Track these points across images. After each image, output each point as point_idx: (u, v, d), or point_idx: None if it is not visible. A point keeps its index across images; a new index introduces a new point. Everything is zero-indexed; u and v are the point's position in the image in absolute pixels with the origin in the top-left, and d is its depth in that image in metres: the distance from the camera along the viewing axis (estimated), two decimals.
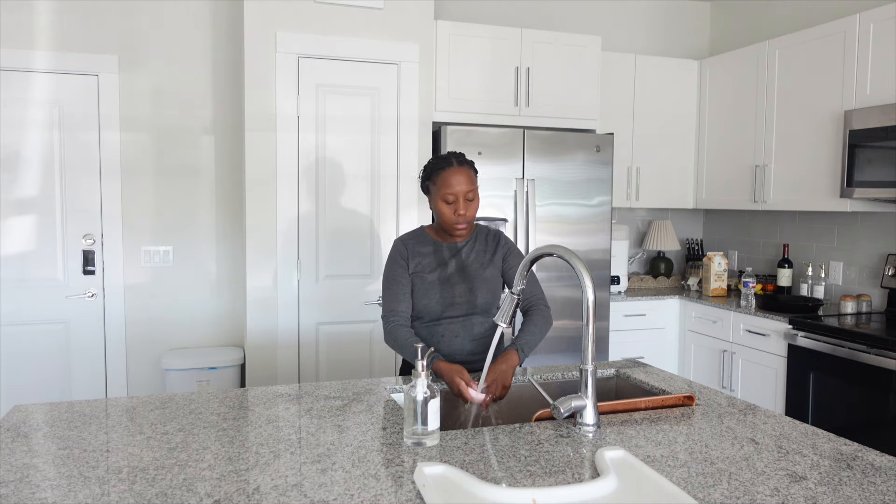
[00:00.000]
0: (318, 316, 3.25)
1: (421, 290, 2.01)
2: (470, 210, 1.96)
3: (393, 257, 2.06)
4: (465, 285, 2.02)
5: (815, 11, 3.86)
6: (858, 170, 3.13)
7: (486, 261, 2.06)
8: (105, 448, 1.36)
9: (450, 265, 2.04)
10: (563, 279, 3.50)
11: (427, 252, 2.05)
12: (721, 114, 4.09)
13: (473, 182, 1.97)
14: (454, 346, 2.03)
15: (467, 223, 1.97)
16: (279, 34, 3.11)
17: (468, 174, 1.96)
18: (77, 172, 3.32)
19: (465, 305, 2.02)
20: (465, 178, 1.94)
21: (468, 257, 2.05)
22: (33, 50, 3.21)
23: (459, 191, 1.92)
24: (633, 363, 2.16)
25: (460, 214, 1.94)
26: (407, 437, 1.40)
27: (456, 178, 1.93)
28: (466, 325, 2.03)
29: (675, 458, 1.33)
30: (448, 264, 2.04)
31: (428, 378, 1.41)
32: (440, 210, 1.97)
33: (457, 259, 2.05)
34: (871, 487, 1.19)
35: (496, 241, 2.10)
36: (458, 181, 1.93)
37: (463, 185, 1.93)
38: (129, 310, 3.44)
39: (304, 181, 3.20)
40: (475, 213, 1.99)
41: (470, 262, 2.05)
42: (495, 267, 2.07)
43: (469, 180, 1.95)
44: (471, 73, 3.51)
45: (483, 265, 2.05)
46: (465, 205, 1.94)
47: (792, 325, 3.22)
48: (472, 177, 1.97)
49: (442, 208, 1.96)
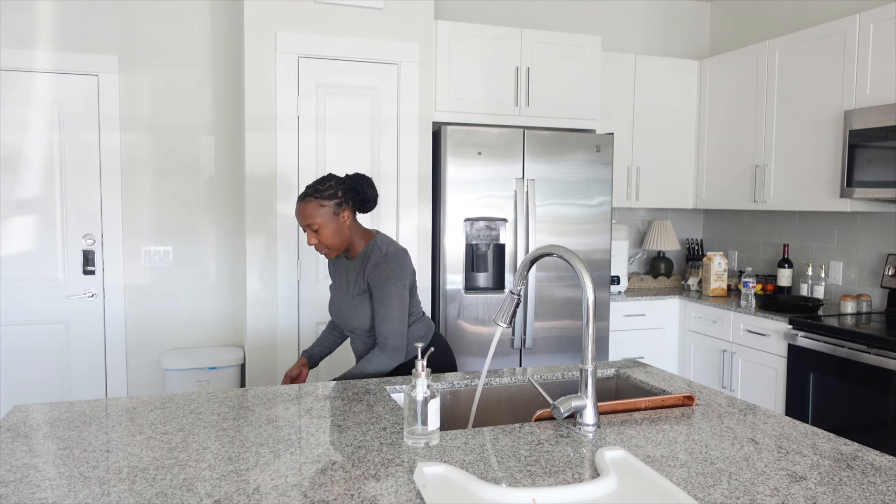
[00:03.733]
0: (318, 316, 3.25)
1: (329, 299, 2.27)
2: (318, 239, 2.05)
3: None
4: (341, 304, 2.16)
5: (815, 11, 3.86)
6: (858, 170, 3.13)
7: (357, 285, 2.10)
8: (105, 448, 1.36)
9: (340, 282, 2.20)
10: (563, 279, 3.50)
11: (335, 263, 2.24)
12: (721, 114, 4.09)
13: (313, 214, 2.03)
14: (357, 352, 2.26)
15: (326, 249, 2.07)
16: (279, 34, 3.11)
17: (308, 206, 2.03)
18: (77, 172, 3.32)
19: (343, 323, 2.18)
20: (305, 210, 2.03)
21: (348, 277, 2.16)
22: (33, 50, 3.21)
23: (301, 223, 2.06)
24: (633, 363, 2.16)
25: (310, 243, 2.08)
26: (407, 437, 1.40)
27: (296, 212, 2.06)
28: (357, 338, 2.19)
29: (675, 458, 1.33)
30: (339, 281, 2.21)
31: (428, 378, 1.41)
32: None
33: (343, 277, 2.19)
34: (871, 487, 1.19)
35: (365, 267, 2.09)
36: (298, 215, 2.05)
37: (302, 219, 2.04)
38: (129, 310, 3.44)
39: (305, 181, 3.20)
40: (329, 241, 2.06)
41: (348, 283, 2.15)
42: (361, 291, 2.09)
43: (308, 213, 2.03)
44: (471, 73, 3.51)
45: (354, 289, 2.11)
46: (311, 235, 2.06)
47: (792, 325, 3.22)
48: (312, 208, 2.02)
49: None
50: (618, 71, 4.07)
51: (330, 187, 2.05)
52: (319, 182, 2.07)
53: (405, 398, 1.40)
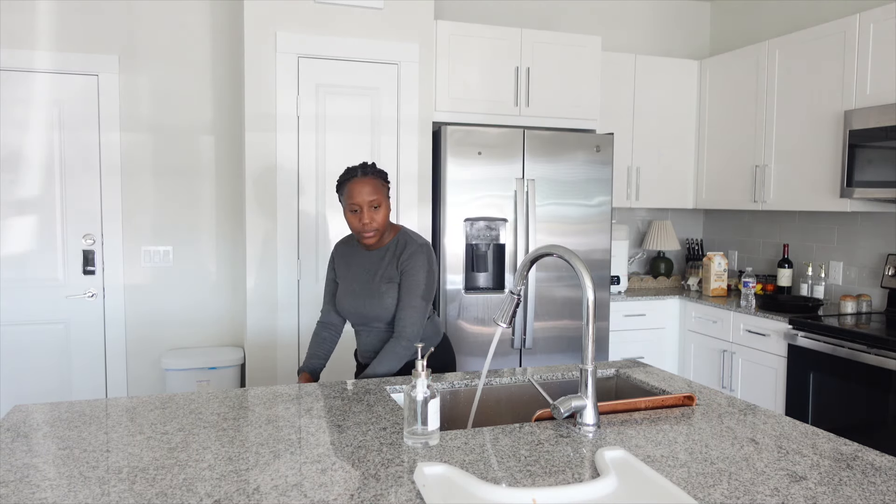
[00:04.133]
0: (318, 316, 3.25)
1: (338, 296, 2.20)
2: (376, 218, 2.02)
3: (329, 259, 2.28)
4: (363, 295, 2.10)
5: (815, 11, 3.86)
6: (858, 170, 3.13)
7: (385, 273, 2.08)
8: (105, 448, 1.36)
9: (358, 272, 2.14)
10: (563, 279, 3.50)
11: (349, 260, 2.18)
12: (721, 114, 4.09)
13: (378, 191, 2.02)
14: (367, 349, 2.17)
15: (374, 231, 2.03)
16: (279, 34, 3.11)
17: (373, 182, 2.01)
18: (77, 172, 3.32)
19: (366, 316, 2.11)
20: (368, 187, 2.00)
21: (371, 267, 2.12)
22: (33, 50, 3.21)
23: (362, 201, 2.00)
24: (633, 363, 2.16)
25: (365, 223, 2.02)
26: (407, 437, 1.40)
27: (358, 189, 2.00)
28: (372, 332, 2.14)
29: (675, 458, 1.33)
30: (357, 272, 2.14)
31: (428, 378, 1.41)
32: (348, 220, 2.06)
33: (363, 267, 2.13)
34: (871, 487, 1.19)
35: (399, 255, 2.09)
36: (360, 191, 2.00)
37: (365, 195, 2.00)
38: (129, 310, 3.44)
39: (304, 181, 3.20)
40: (383, 221, 2.04)
41: (371, 273, 2.11)
42: (393, 282, 2.07)
43: (373, 189, 2.01)
44: (471, 73, 3.51)
45: (381, 278, 2.08)
46: (369, 213, 2.01)
47: (792, 325, 3.22)
48: (377, 185, 2.02)
49: (349, 218, 2.05)
50: (618, 71, 4.07)
51: (384, 171, 2.10)
52: (372, 166, 2.06)
53: (405, 398, 1.40)
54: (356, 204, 2.01)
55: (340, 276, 2.20)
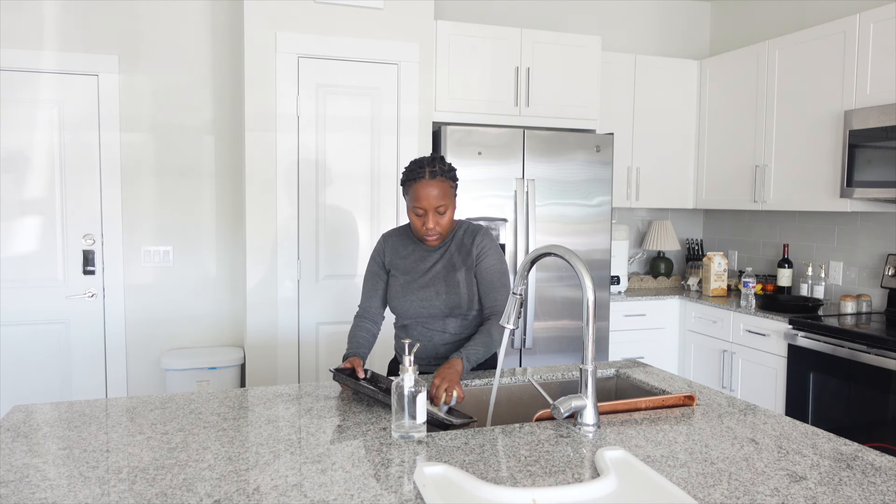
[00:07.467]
0: (318, 316, 3.25)
1: (393, 291, 2.03)
2: (441, 223, 1.91)
3: (373, 253, 2.10)
4: (434, 289, 1.99)
5: (815, 11, 3.86)
6: (858, 170, 3.13)
7: (458, 263, 2.00)
8: (105, 448, 1.36)
9: (422, 268, 2.01)
10: (563, 279, 3.50)
11: (405, 252, 2.04)
12: (721, 114, 4.09)
13: (446, 195, 1.88)
14: (427, 348, 2.05)
15: (438, 235, 1.93)
16: (279, 34, 3.11)
17: (440, 186, 1.87)
18: (77, 172, 3.32)
19: (433, 309, 1.99)
20: (436, 190, 1.86)
21: (440, 260, 2.01)
22: (33, 50, 3.21)
23: (428, 205, 1.87)
24: (633, 363, 2.16)
25: (429, 228, 1.90)
26: (395, 430, 1.40)
27: (425, 192, 1.86)
28: (435, 329, 2.03)
29: (675, 458, 1.33)
30: (421, 267, 2.01)
31: (415, 372, 1.41)
32: (411, 220, 1.95)
33: (430, 262, 2.02)
34: (871, 487, 1.19)
35: (471, 241, 2.01)
36: (427, 195, 1.86)
37: (432, 200, 1.86)
38: (129, 310, 3.44)
39: (305, 181, 3.20)
40: (448, 224, 1.94)
41: (442, 266, 2.01)
42: (468, 269, 2.00)
43: (441, 193, 1.87)
44: (471, 72, 3.51)
45: (454, 268, 1.99)
46: (434, 218, 1.89)
47: (792, 325, 3.22)
48: (444, 188, 1.88)
49: (412, 218, 1.94)
50: (618, 71, 4.07)
51: (453, 167, 1.93)
52: (440, 161, 1.89)
53: (393, 392, 1.41)
54: (422, 208, 1.87)
55: (397, 270, 2.03)
